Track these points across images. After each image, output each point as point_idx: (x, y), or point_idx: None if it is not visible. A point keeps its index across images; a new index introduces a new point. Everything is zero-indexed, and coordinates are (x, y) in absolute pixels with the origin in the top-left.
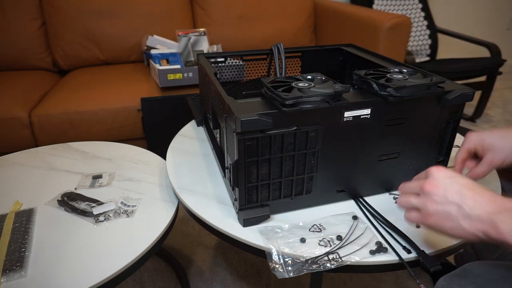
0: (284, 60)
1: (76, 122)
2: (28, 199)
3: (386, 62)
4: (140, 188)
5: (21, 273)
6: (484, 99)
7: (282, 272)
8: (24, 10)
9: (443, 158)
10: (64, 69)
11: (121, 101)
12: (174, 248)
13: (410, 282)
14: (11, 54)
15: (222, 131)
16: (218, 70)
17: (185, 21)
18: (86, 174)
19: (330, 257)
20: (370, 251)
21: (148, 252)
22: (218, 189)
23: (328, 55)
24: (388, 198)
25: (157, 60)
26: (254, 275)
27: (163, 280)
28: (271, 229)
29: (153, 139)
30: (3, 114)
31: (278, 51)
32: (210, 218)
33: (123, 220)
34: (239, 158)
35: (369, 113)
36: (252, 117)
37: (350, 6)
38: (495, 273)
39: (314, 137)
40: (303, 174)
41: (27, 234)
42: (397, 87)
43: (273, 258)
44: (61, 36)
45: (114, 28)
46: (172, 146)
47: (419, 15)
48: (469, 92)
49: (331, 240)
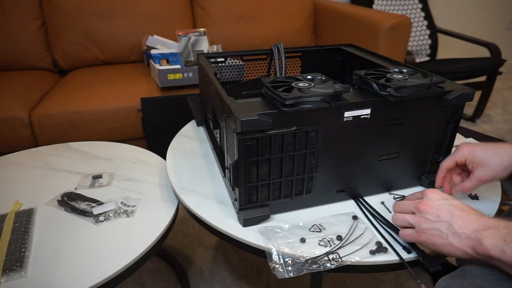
0: (284, 60)
1: (76, 122)
2: (28, 199)
3: (386, 62)
4: (140, 188)
5: (21, 273)
6: (484, 99)
7: (282, 272)
8: (24, 10)
9: (442, 158)
10: (64, 69)
11: (121, 101)
12: (174, 248)
13: (410, 282)
14: (11, 54)
15: (222, 131)
16: (218, 70)
17: (185, 21)
18: (86, 174)
19: (330, 257)
20: (370, 251)
21: (148, 252)
22: (218, 189)
23: (328, 55)
24: (388, 198)
25: (157, 60)
26: (254, 275)
27: (163, 280)
28: (271, 229)
29: (153, 139)
30: (3, 114)
31: (278, 51)
32: (210, 218)
33: (123, 220)
34: (239, 158)
35: (369, 113)
36: (252, 117)
37: (350, 6)
38: (494, 273)
39: (314, 137)
40: (303, 174)
41: (27, 234)
42: (397, 87)
43: (273, 258)
44: (61, 36)
45: (114, 28)
46: (172, 146)
47: (419, 15)
48: (469, 92)
49: (331, 240)
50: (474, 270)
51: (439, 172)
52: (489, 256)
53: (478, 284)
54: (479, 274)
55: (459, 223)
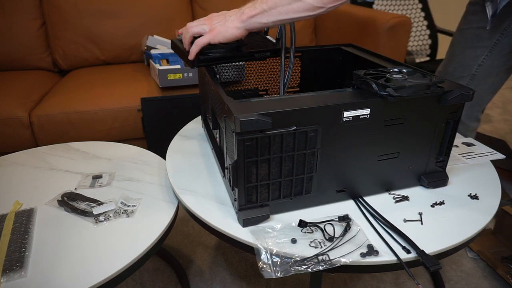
0: (293, 54)
1: (76, 122)
2: (28, 199)
3: (386, 62)
4: (140, 188)
5: (21, 273)
6: None
7: (269, 272)
8: (24, 10)
9: (442, 158)
10: (64, 69)
11: (121, 101)
12: (174, 248)
13: (410, 282)
14: (11, 54)
15: (221, 131)
16: (218, 70)
17: (185, 21)
18: (86, 174)
19: (320, 258)
20: (360, 253)
21: (148, 252)
22: (218, 189)
23: (328, 55)
24: (388, 198)
25: (157, 60)
26: (254, 275)
27: (163, 280)
28: (262, 229)
29: (153, 139)
30: (3, 114)
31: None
32: (209, 218)
33: (123, 220)
34: (239, 158)
35: (368, 113)
36: (252, 117)
37: (350, 6)
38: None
39: (313, 137)
40: (302, 174)
41: (27, 234)
42: (397, 87)
43: (262, 257)
44: (61, 36)
45: (114, 28)
46: (172, 146)
47: (419, 15)
48: (469, 92)
49: (322, 241)
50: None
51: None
52: (253, 17)
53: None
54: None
55: (229, 14)
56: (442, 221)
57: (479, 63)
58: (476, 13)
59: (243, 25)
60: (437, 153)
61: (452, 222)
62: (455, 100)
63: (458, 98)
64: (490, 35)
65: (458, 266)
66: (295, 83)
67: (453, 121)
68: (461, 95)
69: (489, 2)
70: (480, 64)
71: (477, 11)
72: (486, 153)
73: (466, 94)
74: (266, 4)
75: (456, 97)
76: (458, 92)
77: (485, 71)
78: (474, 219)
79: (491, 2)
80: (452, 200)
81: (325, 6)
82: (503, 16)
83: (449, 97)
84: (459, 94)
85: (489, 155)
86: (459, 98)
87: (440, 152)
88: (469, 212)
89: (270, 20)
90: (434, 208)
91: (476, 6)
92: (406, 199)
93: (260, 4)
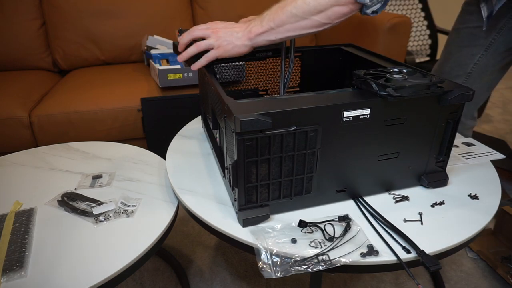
0: (293, 55)
1: (76, 122)
2: (28, 199)
3: (386, 62)
4: (140, 188)
5: (21, 273)
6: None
7: (269, 272)
8: (24, 10)
9: (442, 158)
10: (64, 69)
11: (121, 101)
12: (174, 248)
13: (410, 282)
14: (11, 54)
15: (221, 131)
16: (218, 70)
17: (185, 21)
18: (86, 174)
19: (319, 258)
20: (360, 253)
21: (148, 252)
22: (218, 189)
23: (328, 55)
24: (388, 198)
25: (157, 60)
26: (254, 275)
27: (163, 280)
28: (262, 229)
29: (153, 139)
30: (3, 114)
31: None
32: (209, 218)
33: (123, 220)
34: (239, 158)
35: (368, 113)
36: (252, 117)
37: None
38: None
39: (313, 137)
40: (302, 174)
41: (27, 234)
42: (397, 87)
43: (262, 257)
44: (61, 36)
45: (114, 28)
46: (172, 146)
47: (419, 15)
48: (469, 92)
49: (322, 241)
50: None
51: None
52: (260, 35)
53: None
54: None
55: (237, 29)
56: (442, 221)
57: (475, 61)
58: (472, 13)
59: (251, 43)
60: (437, 153)
61: (452, 222)
62: (455, 100)
63: (458, 98)
64: (486, 34)
65: (458, 266)
66: (295, 83)
67: (453, 121)
68: (461, 95)
69: (484, 3)
70: (476, 63)
71: (473, 11)
72: (486, 153)
73: (466, 94)
74: (273, 22)
75: (456, 97)
76: (458, 92)
77: (480, 70)
78: (474, 219)
79: (486, 3)
80: (452, 200)
81: (332, 22)
82: (498, 16)
83: (449, 97)
84: (459, 94)
85: (489, 155)
86: (459, 98)
87: (440, 152)
88: (469, 212)
89: (277, 37)
90: (434, 208)
91: (472, 6)
92: (406, 199)
93: (267, 22)
